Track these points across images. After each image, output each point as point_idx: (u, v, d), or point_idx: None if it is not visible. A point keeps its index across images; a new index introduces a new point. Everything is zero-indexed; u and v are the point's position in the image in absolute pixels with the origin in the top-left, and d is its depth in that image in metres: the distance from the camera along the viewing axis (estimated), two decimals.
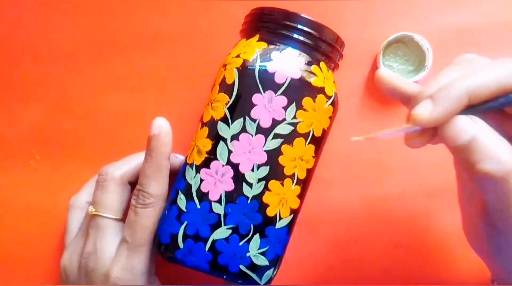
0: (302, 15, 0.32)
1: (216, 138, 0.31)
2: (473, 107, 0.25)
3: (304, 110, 0.31)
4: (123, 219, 0.34)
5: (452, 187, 0.33)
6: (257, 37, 0.32)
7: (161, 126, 0.32)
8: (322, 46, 0.32)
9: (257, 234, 0.31)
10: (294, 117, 0.31)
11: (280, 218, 0.32)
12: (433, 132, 0.26)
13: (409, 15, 0.42)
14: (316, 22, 0.32)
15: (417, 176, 0.41)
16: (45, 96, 0.43)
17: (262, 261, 0.31)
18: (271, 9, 0.32)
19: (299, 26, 0.31)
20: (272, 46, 0.32)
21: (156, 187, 0.32)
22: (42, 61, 0.44)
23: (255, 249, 0.31)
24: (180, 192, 0.31)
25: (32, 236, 0.41)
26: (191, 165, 0.31)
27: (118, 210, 0.34)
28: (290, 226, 0.32)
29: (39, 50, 0.44)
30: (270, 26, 0.32)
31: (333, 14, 0.42)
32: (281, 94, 0.31)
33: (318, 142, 0.32)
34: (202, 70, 0.42)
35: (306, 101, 0.31)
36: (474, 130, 0.24)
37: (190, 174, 0.31)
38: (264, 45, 0.32)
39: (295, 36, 0.32)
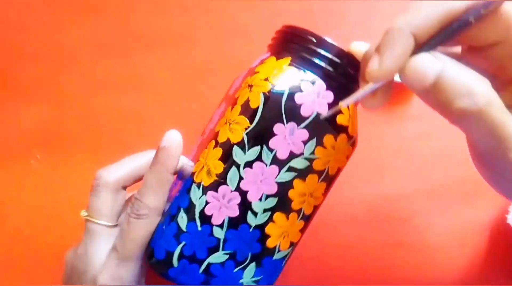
0: (345, 50, 0.30)
1: (229, 162, 0.30)
2: (427, 44, 0.23)
3: (324, 147, 0.30)
4: (116, 224, 0.33)
5: (452, 187, 0.33)
6: (288, 60, 0.30)
7: (173, 139, 0.31)
8: (355, 87, 0.31)
9: (254, 262, 0.31)
10: (312, 152, 0.30)
11: (279, 250, 0.31)
12: (386, 89, 0.25)
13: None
14: (357, 61, 0.30)
15: (417, 176, 0.41)
16: (46, 96, 0.43)
17: None
18: (312, 34, 0.30)
19: (338, 61, 0.30)
20: (303, 74, 0.30)
21: (154, 199, 0.31)
22: (43, 61, 0.43)
23: (249, 277, 0.31)
24: (182, 210, 0.30)
25: (33, 236, 0.40)
26: (198, 185, 0.30)
27: (110, 216, 0.33)
28: (287, 258, 0.32)
29: (39, 50, 0.43)
30: (306, 52, 0.30)
31: (334, 13, 0.41)
32: (304, 127, 0.29)
33: (330, 180, 0.31)
34: (202, 70, 0.41)
35: (328, 138, 0.30)
36: (438, 67, 0.22)
37: (195, 194, 0.30)
38: (295, 71, 0.30)
39: (331, 70, 0.30)
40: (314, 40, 0.30)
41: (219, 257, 0.30)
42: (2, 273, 0.37)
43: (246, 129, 0.29)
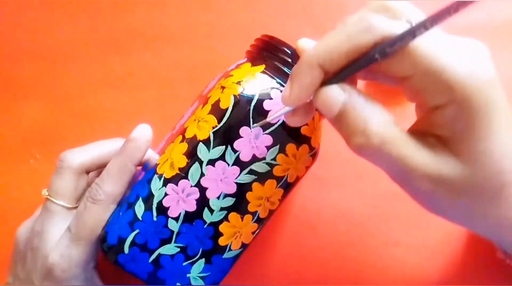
0: None
1: (193, 158, 0.30)
2: (337, 75, 0.24)
3: (286, 155, 0.31)
4: (76, 206, 0.34)
5: None
6: (262, 67, 0.32)
7: (143, 132, 0.32)
8: None
9: (203, 258, 0.31)
10: (274, 159, 0.31)
11: (230, 249, 0.32)
12: (306, 109, 0.26)
13: None
14: None
15: None
16: (45, 95, 0.43)
17: (199, 284, 0.32)
18: (286, 45, 0.32)
19: None
20: (274, 83, 0.31)
21: (113, 186, 0.32)
22: (42, 60, 0.43)
23: (196, 272, 0.32)
24: (141, 198, 0.31)
25: None
26: (159, 176, 0.31)
27: (70, 198, 0.33)
28: (236, 258, 0.33)
29: (38, 49, 0.43)
30: (280, 62, 0.31)
31: (332, 12, 0.42)
32: (269, 133, 0.30)
33: (288, 187, 0.32)
34: (202, 69, 0.41)
35: (290, 147, 0.31)
36: (341, 99, 0.23)
37: (156, 185, 0.31)
38: (267, 79, 0.31)
39: None
40: (289, 52, 0.32)
41: (170, 249, 0.31)
42: (2, 272, 0.36)
43: (213, 127, 0.30)
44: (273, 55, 0.32)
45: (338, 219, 0.41)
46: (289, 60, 0.31)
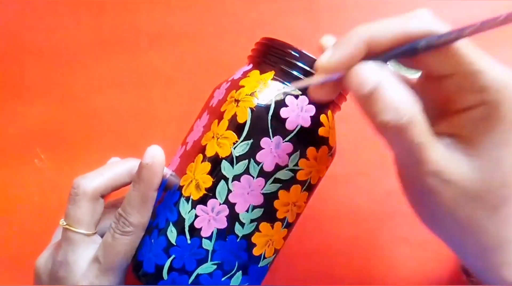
0: None
1: (217, 176, 0.30)
2: (380, 56, 0.24)
3: (307, 159, 0.31)
4: (95, 232, 0.34)
5: None
6: (272, 74, 0.31)
7: (155, 156, 0.31)
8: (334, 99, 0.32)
9: (240, 271, 0.32)
10: (296, 164, 0.31)
11: (264, 258, 0.32)
12: (334, 84, 0.26)
13: (412, 10, 0.42)
14: None
15: None
16: (49, 95, 0.42)
17: None
18: (294, 48, 0.31)
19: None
20: (287, 89, 0.31)
21: (139, 217, 0.32)
22: (46, 60, 0.42)
23: (235, 284, 0.32)
24: (171, 224, 0.31)
25: (38, 235, 0.39)
26: (187, 199, 0.30)
27: (89, 225, 0.33)
28: (271, 264, 0.33)
29: (43, 49, 0.42)
30: (288, 66, 0.31)
31: (335, 11, 0.42)
32: (289, 140, 0.30)
33: (312, 189, 0.33)
34: (206, 68, 0.41)
35: (310, 150, 0.31)
36: (377, 77, 0.23)
37: (184, 208, 0.30)
38: (279, 85, 0.31)
39: None
40: (297, 55, 0.31)
41: (207, 267, 0.31)
42: (8, 272, 0.36)
43: (234, 143, 0.30)
44: (280, 59, 0.31)
45: (344, 216, 0.42)
46: (297, 63, 0.31)
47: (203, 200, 0.30)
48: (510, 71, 0.23)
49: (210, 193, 0.30)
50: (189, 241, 0.30)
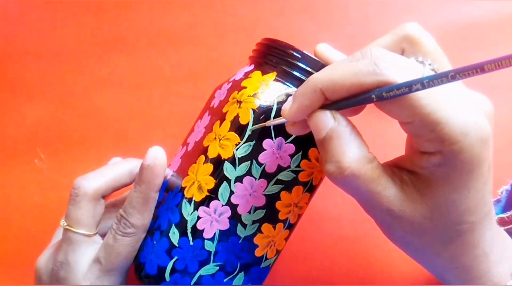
0: (325, 65, 0.31)
1: (220, 178, 0.30)
2: (336, 103, 0.25)
3: (309, 160, 0.31)
4: (96, 232, 0.34)
5: None
6: (274, 75, 0.31)
7: (156, 157, 0.31)
8: None
9: (242, 272, 0.32)
10: (298, 165, 0.31)
11: (266, 259, 0.33)
12: (304, 123, 0.27)
13: (412, 10, 0.42)
14: None
15: None
16: (49, 95, 0.42)
17: None
18: (295, 49, 0.31)
19: None
20: (289, 90, 0.31)
21: (140, 218, 0.32)
22: (46, 59, 0.42)
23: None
24: (173, 225, 0.31)
25: (38, 235, 0.40)
26: (189, 200, 0.30)
27: (90, 225, 0.33)
28: (272, 265, 0.33)
29: (42, 48, 0.42)
30: (290, 67, 0.31)
31: (336, 10, 0.42)
32: (291, 142, 0.31)
33: (314, 190, 0.33)
34: (206, 67, 0.41)
35: (312, 151, 0.31)
36: (327, 126, 0.25)
37: (187, 210, 0.30)
38: (281, 86, 0.31)
39: None
40: (298, 55, 0.31)
41: (210, 269, 0.31)
42: (8, 272, 0.36)
43: (236, 145, 0.30)
44: (282, 60, 0.31)
45: (344, 216, 0.42)
46: (299, 63, 0.31)
47: (205, 202, 0.30)
48: (476, 120, 0.23)
49: (213, 194, 0.30)
50: (191, 243, 0.30)
